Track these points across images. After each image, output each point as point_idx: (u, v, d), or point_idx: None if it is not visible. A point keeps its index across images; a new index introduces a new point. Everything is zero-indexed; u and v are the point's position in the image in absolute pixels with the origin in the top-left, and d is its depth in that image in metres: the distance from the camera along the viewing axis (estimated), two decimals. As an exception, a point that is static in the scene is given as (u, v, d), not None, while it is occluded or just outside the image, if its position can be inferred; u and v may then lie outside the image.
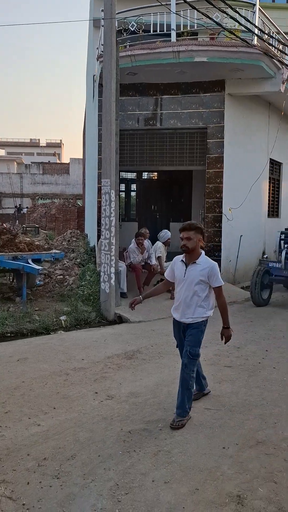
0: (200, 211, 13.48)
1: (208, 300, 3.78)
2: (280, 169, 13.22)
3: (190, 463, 3.08)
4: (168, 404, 4.01)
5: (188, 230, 3.71)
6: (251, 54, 8.53)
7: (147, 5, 9.16)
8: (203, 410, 3.91)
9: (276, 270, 8.16)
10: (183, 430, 3.53)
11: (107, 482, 2.85)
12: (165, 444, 3.32)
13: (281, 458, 3.17)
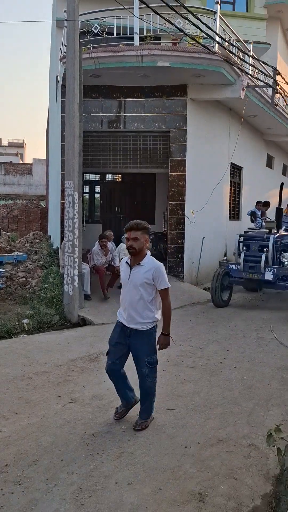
0: (163, 213, 13.63)
1: (156, 303, 3.63)
2: (241, 173, 13.56)
3: (153, 463, 3.12)
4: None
5: (135, 230, 3.48)
6: (212, 61, 8.72)
7: (110, 8, 9.20)
8: (166, 411, 3.97)
9: (235, 272, 8.24)
10: (146, 431, 3.57)
11: (70, 486, 2.85)
12: (128, 446, 3.35)
13: (241, 455, 3.27)
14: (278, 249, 8.32)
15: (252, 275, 8.00)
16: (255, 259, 8.01)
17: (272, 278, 7.81)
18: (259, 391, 4.45)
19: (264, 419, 3.85)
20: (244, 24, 13.61)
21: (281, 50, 16.75)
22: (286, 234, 8.95)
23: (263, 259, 7.85)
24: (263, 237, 8.23)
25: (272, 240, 8.06)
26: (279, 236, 8.50)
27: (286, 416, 3.94)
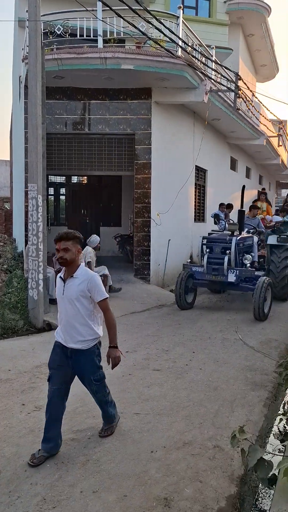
0: (129, 216, 13.64)
1: (95, 318, 3.38)
2: (205, 175, 13.75)
3: (118, 470, 3.10)
4: (97, 411, 3.98)
5: (66, 240, 3.21)
6: (175, 65, 8.79)
7: (73, 9, 9.14)
8: (132, 415, 3.95)
9: (199, 274, 8.25)
10: (112, 437, 3.55)
11: (34, 498, 2.79)
12: (94, 453, 3.32)
13: (206, 457, 3.30)
14: (240, 251, 8.37)
15: (215, 277, 8.03)
16: (218, 261, 8.02)
17: (234, 280, 7.85)
18: (224, 392, 4.51)
19: (229, 420, 3.90)
20: (206, 29, 13.83)
21: (242, 56, 17.13)
22: (249, 236, 9.05)
23: (226, 261, 7.88)
24: (226, 239, 8.26)
25: (234, 242, 8.09)
26: (241, 238, 8.55)
27: (250, 417, 4.01)
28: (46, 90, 7.85)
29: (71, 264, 3.25)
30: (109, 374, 4.92)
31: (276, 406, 4.49)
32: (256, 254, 9.10)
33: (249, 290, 8.03)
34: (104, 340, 3.49)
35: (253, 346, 6.11)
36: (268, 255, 9.04)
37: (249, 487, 3.15)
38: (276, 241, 8.94)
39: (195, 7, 14.55)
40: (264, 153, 18.76)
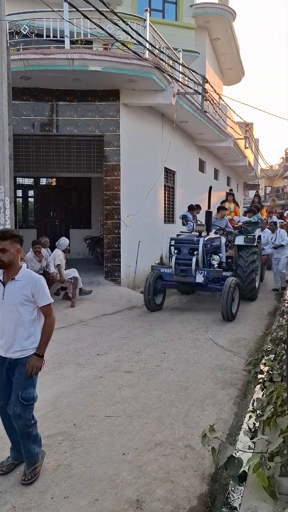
0: (99, 218, 13.59)
1: (39, 325, 3.09)
2: (174, 177, 13.86)
3: (90, 474, 3.08)
4: (68, 415, 3.97)
5: (2, 239, 2.90)
6: (143, 67, 8.83)
7: (40, 10, 9.04)
8: (103, 418, 3.93)
9: (167, 275, 8.21)
10: (82, 441, 3.52)
11: (3, 506, 2.73)
12: (65, 458, 3.28)
13: (178, 457, 3.32)
14: (208, 251, 8.40)
15: (184, 278, 8.02)
16: (186, 262, 8.02)
17: (203, 280, 7.87)
18: (194, 392, 4.55)
19: (200, 419, 3.94)
20: (173, 32, 13.97)
21: (209, 59, 17.39)
22: (216, 236, 9.12)
23: (194, 262, 7.89)
24: (193, 240, 8.25)
25: (202, 243, 8.10)
26: (209, 239, 8.58)
27: (221, 415, 4.06)
28: (13, 91, 7.72)
29: (10, 266, 2.95)
30: (80, 377, 4.92)
31: (245, 404, 4.57)
32: (224, 254, 9.18)
33: (217, 290, 8.06)
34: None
35: (223, 345, 6.19)
36: (236, 255, 9.13)
37: (220, 485, 3.19)
38: (243, 242, 9.04)
39: (162, 10, 14.68)
40: (231, 155, 19.09)
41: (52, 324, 3.09)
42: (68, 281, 8.52)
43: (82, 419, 3.91)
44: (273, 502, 2.61)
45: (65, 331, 7.10)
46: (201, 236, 8.38)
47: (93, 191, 14.30)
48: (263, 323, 7.72)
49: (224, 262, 9.19)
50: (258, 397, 4.19)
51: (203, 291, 8.98)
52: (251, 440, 3.90)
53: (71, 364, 5.41)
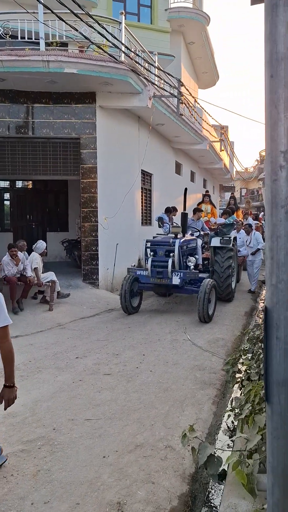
0: (76, 221, 13.53)
1: None
2: (151, 179, 13.92)
3: (70, 478, 3.07)
4: (47, 420, 3.94)
5: None
6: (119, 70, 8.85)
7: (14, 11, 8.96)
8: (83, 422, 3.92)
9: (144, 278, 8.10)
10: (63, 445, 3.50)
11: (-18, 514, 2.69)
12: (44, 463, 3.25)
13: (158, 458, 3.34)
14: (184, 253, 8.37)
15: (160, 280, 7.94)
16: (162, 264, 7.97)
17: (179, 282, 7.79)
18: (174, 393, 4.58)
19: (179, 420, 3.97)
20: (149, 35, 14.05)
21: (184, 63, 17.54)
22: (192, 238, 9.11)
23: (170, 264, 7.83)
24: (169, 242, 8.17)
25: (177, 245, 8.04)
26: (185, 240, 8.54)
27: (200, 415, 4.10)
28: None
29: None
30: (59, 381, 4.89)
31: (224, 403, 4.62)
32: (200, 256, 9.20)
33: (194, 292, 8.08)
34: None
35: (201, 346, 6.25)
36: (212, 257, 9.15)
37: (200, 484, 3.22)
38: (219, 243, 9.06)
39: (137, 14, 14.75)
40: (207, 158, 19.30)
41: (11, 349, 2.80)
42: (46, 285, 8.45)
43: (61, 423, 3.88)
44: (252, 498, 2.65)
45: (43, 335, 7.04)
46: (177, 238, 8.33)
47: (70, 194, 14.23)
48: (240, 323, 7.83)
49: (201, 264, 9.20)
50: (237, 396, 4.25)
51: (179, 293, 8.90)
52: (230, 438, 3.96)
53: (50, 368, 5.37)
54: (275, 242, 1.19)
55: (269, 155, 1.20)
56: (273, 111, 1.17)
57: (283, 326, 1.18)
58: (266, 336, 1.21)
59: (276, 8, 1.14)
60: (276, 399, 1.20)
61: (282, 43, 1.15)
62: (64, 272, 10.80)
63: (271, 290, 1.21)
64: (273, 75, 1.17)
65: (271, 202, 1.20)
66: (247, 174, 39.18)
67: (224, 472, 3.29)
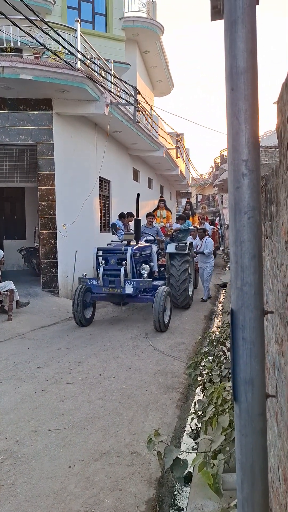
0: (34, 228, 13.30)
1: None
2: (109, 186, 13.94)
3: (36, 491, 3.01)
4: (10, 433, 3.85)
5: None
6: (75, 77, 8.84)
7: None
8: (47, 432, 3.85)
9: (96, 287, 7.75)
10: (27, 458, 3.43)
11: None
12: (8, 477, 3.17)
13: (124, 464, 3.34)
14: (137, 261, 8.06)
15: (113, 290, 7.58)
16: (115, 273, 7.62)
17: (132, 291, 7.46)
18: (138, 398, 4.60)
19: (144, 425, 3.99)
20: (104, 43, 14.12)
21: (140, 71, 17.76)
22: (146, 245, 8.85)
23: (122, 273, 7.49)
24: (121, 249, 7.80)
25: (130, 252, 7.64)
26: (138, 248, 8.20)
27: (164, 419, 4.14)
28: None
29: None
30: (21, 392, 4.79)
31: (187, 406, 4.69)
32: (155, 263, 8.99)
33: (149, 300, 7.79)
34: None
35: (163, 351, 6.31)
36: (168, 263, 8.93)
37: (167, 488, 3.25)
38: (175, 249, 8.85)
39: (92, 22, 14.80)
40: (164, 164, 19.57)
41: None
42: (4, 294, 8.25)
43: (25, 435, 3.80)
44: (218, 498, 2.71)
45: (2, 345, 6.86)
46: (130, 245, 7.93)
47: (27, 201, 13.99)
48: (200, 326, 7.96)
49: (156, 271, 8.99)
50: (199, 398, 4.33)
51: (134, 302, 8.48)
52: (194, 441, 4.02)
53: (10, 379, 5.24)
54: (239, 246, 1.25)
55: (231, 164, 1.26)
56: (235, 122, 1.23)
57: (248, 327, 1.23)
58: (232, 337, 1.26)
59: (235, 25, 1.21)
60: (243, 397, 1.25)
61: (241, 58, 1.22)
62: (22, 281, 10.59)
63: (236, 292, 1.27)
64: (233, 88, 1.23)
65: (234, 208, 1.26)
66: (203, 181, 40.02)
67: (190, 475, 3.34)
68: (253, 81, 1.23)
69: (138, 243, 8.39)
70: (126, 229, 10.51)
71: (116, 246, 8.22)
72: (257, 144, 1.25)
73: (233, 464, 2.93)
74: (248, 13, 1.20)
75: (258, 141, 1.25)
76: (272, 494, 2.10)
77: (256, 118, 1.24)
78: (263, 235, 2.18)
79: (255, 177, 1.25)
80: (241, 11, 1.22)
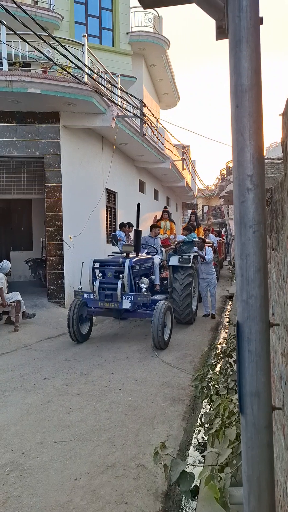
0: (41, 239, 13.39)
1: None
2: (116, 198, 14.04)
3: (41, 503, 3.00)
4: (16, 444, 3.84)
5: None
6: (82, 91, 8.97)
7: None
8: (53, 444, 3.85)
9: (91, 301, 7.31)
10: (33, 470, 3.42)
11: None
12: (14, 489, 3.17)
13: (131, 477, 3.32)
14: (137, 274, 7.66)
15: (109, 304, 7.13)
16: (111, 287, 7.16)
17: (130, 306, 7.00)
18: (144, 411, 4.58)
19: (150, 437, 3.97)
20: (111, 57, 14.34)
21: (146, 84, 17.97)
22: (147, 257, 8.43)
23: (119, 286, 7.00)
24: (119, 262, 7.39)
25: (127, 265, 7.20)
26: (138, 260, 7.77)
27: (171, 432, 4.11)
28: None
29: None
30: (27, 403, 4.79)
31: (194, 419, 4.66)
32: (158, 276, 8.58)
33: (148, 316, 7.33)
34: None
35: (169, 363, 6.29)
36: (171, 276, 8.56)
37: (173, 502, 3.23)
38: (177, 262, 8.48)
39: (99, 37, 15.04)
40: (170, 176, 19.67)
41: None
42: (11, 305, 8.28)
43: (31, 447, 3.80)
44: (225, 512, 2.68)
45: (8, 357, 6.88)
46: (128, 257, 7.55)
47: (34, 213, 14.11)
48: (206, 338, 7.93)
49: (158, 285, 8.59)
50: (206, 411, 4.30)
51: (132, 317, 8.09)
52: (201, 454, 3.99)
53: (16, 390, 5.25)
54: (244, 260, 1.27)
55: (236, 179, 1.28)
56: (240, 138, 1.26)
57: (254, 340, 1.24)
58: (238, 349, 1.28)
59: (240, 44, 1.24)
60: (250, 409, 1.25)
61: (246, 76, 1.25)
62: (29, 292, 10.63)
63: (242, 305, 1.28)
64: (238, 105, 1.26)
65: (240, 222, 1.28)
66: (209, 192, 40.14)
67: (197, 488, 3.31)
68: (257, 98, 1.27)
69: (138, 255, 7.95)
70: (128, 240, 10.24)
71: (114, 258, 7.86)
72: (261, 159, 1.27)
73: (240, 477, 2.91)
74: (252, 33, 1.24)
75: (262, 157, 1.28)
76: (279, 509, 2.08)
77: (260, 134, 1.27)
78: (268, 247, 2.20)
79: (260, 192, 1.27)
80: (245, 31, 1.26)
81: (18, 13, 6.28)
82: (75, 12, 14.40)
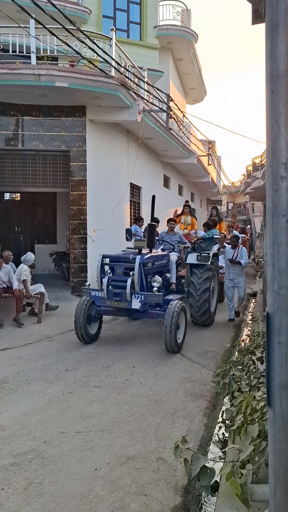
0: (65, 233, 13.51)
1: None
2: (140, 192, 14.02)
3: (62, 491, 3.03)
4: (38, 432, 3.90)
5: None
6: (109, 84, 8.97)
7: (5, 25, 9.05)
8: (74, 434, 3.88)
9: (99, 300, 6.75)
10: (54, 458, 3.46)
11: (-27, 528, 2.65)
12: (36, 476, 3.21)
13: (150, 470, 3.32)
14: (149, 272, 7.07)
15: (118, 303, 6.56)
16: (120, 285, 6.61)
17: (140, 306, 6.43)
18: (165, 405, 4.57)
19: (171, 431, 3.96)
20: (138, 51, 14.28)
21: (173, 78, 17.84)
22: (162, 254, 7.95)
23: (129, 285, 6.44)
24: (129, 258, 6.80)
25: (138, 262, 6.62)
26: (151, 256, 7.16)
27: (191, 427, 4.10)
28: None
29: None
30: (49, 393, 4.85)
31: (215, 415, 4.63)
32: (174, 274, 8.11)
33: (160, 316, 6.73)
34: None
35: (191, 358, 6.26)
36: (188, 275, 8.13)
37: (193, 496, 3.21)
38: (196, 260, 7.99)
39: (127, 30, 15.01)
40: (195, 172, 19.52)
41: None
42: (34, 297, 8.40)
43: (52, 435, 3.85)
44: (245, 509, 2.65)
45: (31, 347, 6.98)
46: (140, 253, 6.91)
47: (59, 206, 14.23)
48: (229, 335, 7.87)
49: (174, 283, 8.12)
50: (228, 407, 4.26)
51: (142, 317, 7.64)
52: (221, 450, 3.96)
53: (39, 380, 5.32)
54: (276, 249, 1.23)
55: (270, 167, 1.25)
56: (274, 125, 1.22)
57: (284, 331, 1.21)
58: (268, 341, 1.25)
59: (276, 28, 1.21)
60: (278, 402, 1.23)
61: (282, 61, 1.21)
62: (52, 285, 10.74)
63: (272, 296, 1.25)
64: (274, 91, 1.23)
65: (272, 211, 1.25)
66: (234, 188, 39.69)
67: (217, 484, 3.28)
68: (293, 84, 1.23)
69: (152, 252, 7.37)
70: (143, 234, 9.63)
71: (125, 254, 7.33)
72: (296, 147, 1.24)
73: (262, 475, 2.87)
74: (290, 16, 1.19)
75: (297, 144, 1.24)
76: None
77: (296, 120, 1.23)
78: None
79: (294, 180, 1.23)
80: (282, 14, 1.22)
81: (47, 7, 6.30)
82: (103, 5, 14.40)
